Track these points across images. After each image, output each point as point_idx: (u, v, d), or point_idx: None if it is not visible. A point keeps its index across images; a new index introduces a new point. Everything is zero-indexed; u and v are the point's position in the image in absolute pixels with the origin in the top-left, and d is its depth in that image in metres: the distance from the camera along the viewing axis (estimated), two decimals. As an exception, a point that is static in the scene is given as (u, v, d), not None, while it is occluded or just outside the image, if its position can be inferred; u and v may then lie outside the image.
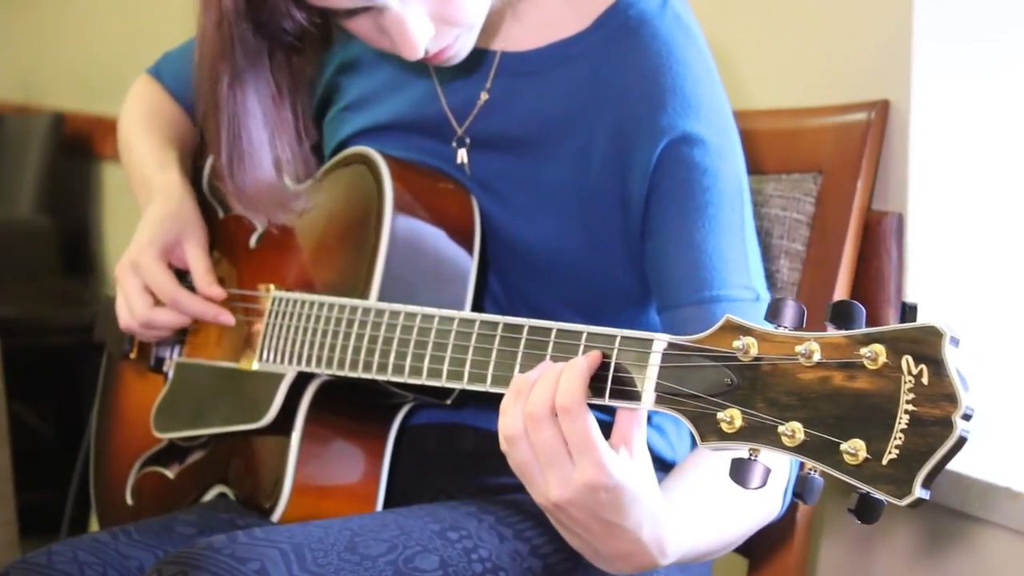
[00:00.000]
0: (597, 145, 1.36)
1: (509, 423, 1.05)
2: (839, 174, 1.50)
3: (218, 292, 1.49)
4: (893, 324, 0.90)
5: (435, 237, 1.37)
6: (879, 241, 1.51)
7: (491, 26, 1.40)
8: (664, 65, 1.33)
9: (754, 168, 1.56)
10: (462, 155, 1.42)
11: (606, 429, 1.05)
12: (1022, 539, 1.42)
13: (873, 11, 1.57)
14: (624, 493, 1.05)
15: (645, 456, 1.08)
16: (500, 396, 1.08)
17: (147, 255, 1.49)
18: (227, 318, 1.49)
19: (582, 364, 1.04)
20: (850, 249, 1.48)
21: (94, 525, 1.67)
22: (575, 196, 1.37)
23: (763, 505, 1.27)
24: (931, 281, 1.53)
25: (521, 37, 1.41)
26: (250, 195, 1.42)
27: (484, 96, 1.42)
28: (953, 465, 1.46)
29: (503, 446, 1.06)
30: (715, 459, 1.23)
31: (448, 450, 1.46)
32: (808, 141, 1.55)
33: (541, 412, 1.03)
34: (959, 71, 1.53)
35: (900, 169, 1.52)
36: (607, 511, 1.06)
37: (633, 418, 1.06)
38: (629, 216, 1.35)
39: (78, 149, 3.75)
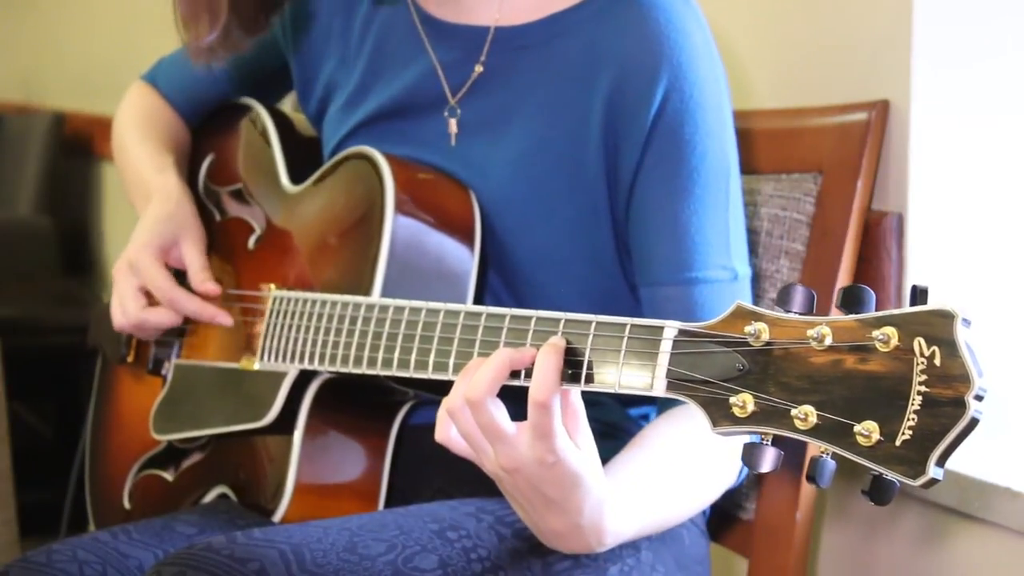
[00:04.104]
0: (595, 117, 1.35)
1: (456, 400, 1.10)
2: (839, 174, 1.50)
3: (213, 288, 1.50)
4: (905, 307, 0.90)
5: (436, 237, 1.37)
6: (879, 241, 1.51)
7: (485, 1, 1.41)
8: (663, 34, 1.33)
9: (754, 168, 1.56)
10: (452, 125, 1.43)
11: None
12: (1022, 539, 1.42)
13: (873, 11, 1.57)
14: (566, 472, 1.08)
15: (589, 442, 1.10)
16: (506, 390, 1.09)
17: (144, 256, 1.50)
18: (224, 318, 1.49)
19: (552, 358, 1.05)
20: (850, 249, 1.48)
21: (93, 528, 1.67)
22: (570, 171, 1.37)
23: (716, 482, 1.30)
24: (931, 281, 1.53)
25: (516, 11, 1.41)
26: None
27: (479, 68, 1.42)
28: (953, 464, 1.47)
29: (450, 415, 1.11)
30: (665, 437, 1.27)
31: (447, 450, 1.45)
32: (808, 141, 1.55)
33: (480, 397, 1.07)
34: (959, 71, 1.53)
35: (900, 169, 1.52)
36: (548, 486, 1.09)
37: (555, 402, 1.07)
38: (617, 188, 1.36)
39: (78, 149, 3.75)
